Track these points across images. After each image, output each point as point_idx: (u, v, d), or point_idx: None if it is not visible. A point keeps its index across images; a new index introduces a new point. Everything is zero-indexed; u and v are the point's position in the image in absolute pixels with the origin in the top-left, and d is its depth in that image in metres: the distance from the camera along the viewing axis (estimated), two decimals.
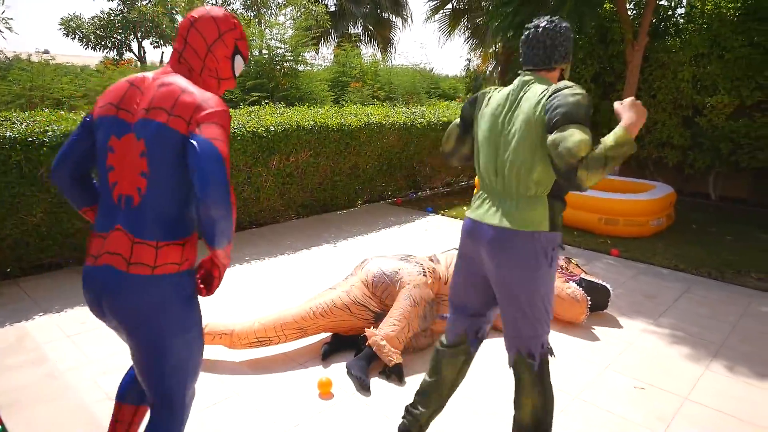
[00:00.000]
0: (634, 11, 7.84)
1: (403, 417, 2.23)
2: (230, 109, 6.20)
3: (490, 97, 2.05)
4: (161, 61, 15.27)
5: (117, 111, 1.58)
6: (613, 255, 5.12)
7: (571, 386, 2.85)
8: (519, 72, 2.04)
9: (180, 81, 1.58)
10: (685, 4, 7.65)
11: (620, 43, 7.64)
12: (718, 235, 5.95)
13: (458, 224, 6.18)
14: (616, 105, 1.87)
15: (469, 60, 19.14)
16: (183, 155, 1.52)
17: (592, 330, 3.52)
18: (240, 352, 3.08)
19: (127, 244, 1.52)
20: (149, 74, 1.65)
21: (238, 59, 1.76)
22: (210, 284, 1.68)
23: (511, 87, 1.99)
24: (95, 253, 1.59)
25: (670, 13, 7.72)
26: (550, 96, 1.82)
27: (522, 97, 1.92)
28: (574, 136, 1.72)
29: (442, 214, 6.63)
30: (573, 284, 3.59)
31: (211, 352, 3.08)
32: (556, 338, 3.39)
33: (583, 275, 3.76)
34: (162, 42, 14.36)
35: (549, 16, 2.00)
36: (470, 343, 2.13)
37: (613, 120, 7.92)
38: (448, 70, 47.68)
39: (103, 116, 1.60)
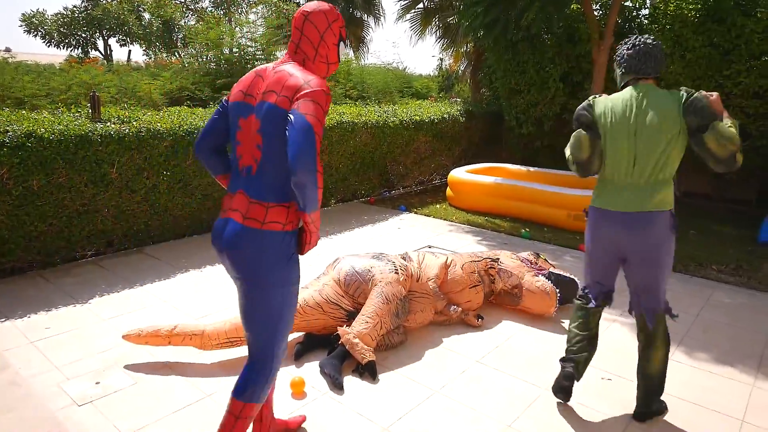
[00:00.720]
0: (600, 12, 8.01)
1: (564, 367, 2.60)
2: (199, 108, 6.11)
3: (607, 103, 2.43)
4: (128, 60, 14.92)
5: (244, 96, 1.89)
6: (581, 250, 5.23)
7: (541, 378, 2.90)
8: (626, 79, 2.46)
9: (290, 68, 1.85)
10: (648, 5, 7.85)
11: (587, 42, 7.78)
12: (682, 229, 6.13)
13: (431, 222, 6.23)
14: (712, 97, 2.25)
15: (441, 59, 19.26)
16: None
17: (561, 323, 3.60)
18: (211, 353, 3.05)
19: (245, 203, 1.84)
20: (270, 65, 1.92)
21: (342, 45, 2.02)
22: (302, 247, 1.91)
23: (628, 93, 2.40)
24: (225, 208, 1.94)
25: (634, 13, 7.90)
26: (687, 103, 2.26)
27: (647, 100, 2.33)
28: (732, 129, 2.17)
29: (415, 213, 6.67)
30: (542, 278, 3.65)
31: (181, 354, 3.04)
32: (527, 331, 3.45)
33: (551, 269, 3.83)
34: (129, 40, 14.03)
35: (647, 35, 2.43)
36: (608, 303, 2.64)
37: None
38: (420, 69, 47.85)
39: (234, 101, 1.92)
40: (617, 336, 3.42)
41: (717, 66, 6.83)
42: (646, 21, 7.79)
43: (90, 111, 4.71)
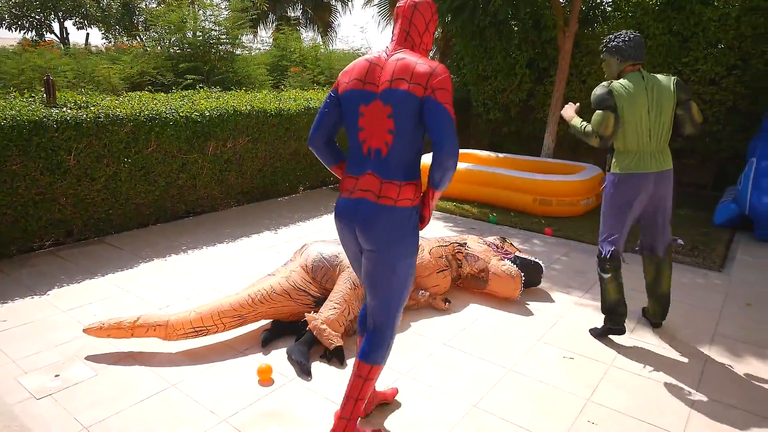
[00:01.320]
0: None
1: (618, 323, 3.13)
2: (161, 93, 5.95)
3: (623, 89, 2.89)
4: (86, 43, 14.30)
5: (363, 85, 2.00)
6: (546, 234, 5.33)
7: (506, 359, 2.97)
8: (623, 66, 3.00)
9: (411, 56, 1.98)
10: None
11: (553, 29, 7.88)
12: None
13: None
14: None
15: None
16: (419, 114, 1.93)
17: (527, 305, 3.67)
18: (177, 343, 3.00)
19: (377, 183, 2.00)
20: (382, 53, 2.04)
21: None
22: (422, 221, 2.11)
23: (637, 77, 2.93)
24: (350, 189, 2.08)
25: (598, 1, 8.03)
26: (677, 82, 2.97)
27: (654, 83, 2.93)
28: (696, 107, 2.99)
29: None
30: (508, 262, 3.72)
31: (145, 344, 2.98)
32: (493, 314, 3.51)
33: (517, 253, 3.90)
34: (86, 23, 13.41)
35: (632, 31, 3.02)
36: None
37: (546, 103, 8.20)
38: None
39: (351, 90, 2.02)
40: (579, 316, 3.52)
41: (676, 53, 7.02)
42: (609, 8, 7.92)
43: (44, 96, 4.53)
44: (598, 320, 3.45)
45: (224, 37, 7.96)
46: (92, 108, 4.52)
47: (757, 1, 6.36)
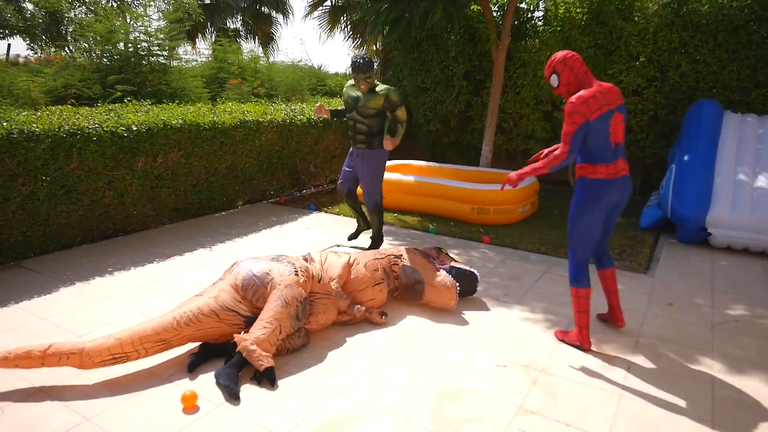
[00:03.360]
0: (498, 13, 8.37)
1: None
2: (84, 108, 5.66)
3: None
4: (7, 54, 13.46)
5: (607, 106, 2.98)
6: (484, 242, 5.43)
7: (440, 371, 2.96)
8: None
9: (605, 84, 3.06)
10: (542, 7, 8.31)
11: (487, 42, 8.11)
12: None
13: (341, 220, 6.20)
14: None
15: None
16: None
17: (462, 315, 3.70)
18: (95, 372, 2.82)
19: (624, 163, 3.12)
20: (598, 85, 3.03)
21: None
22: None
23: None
24: (613, 171, 3.05)
25: (529, 15, 8.34)
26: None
27: None
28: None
29: (326, 212, 6.61)
30: (443, 272, 3.74)
31: (59, 376, 2.78)
32: (429, 325, 3.51)
33: (452, 263, 3.94)
34: (6, 33, 12.59)
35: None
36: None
37: (483, 114, 8.41)
38: (335, 68, 47.64)
39: (602, 113, 2.96)
40: (513, 323, 3.57)
41: (602, 65, 7.37)
42: (539, 23, 8.24)
43: None
44: (532, 326, 3.52)
45: (155, 47, 7.69)
46: (4, 124, 4.23)
47: (671, 17, 6.79)
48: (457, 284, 3.69)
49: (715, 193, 5.36)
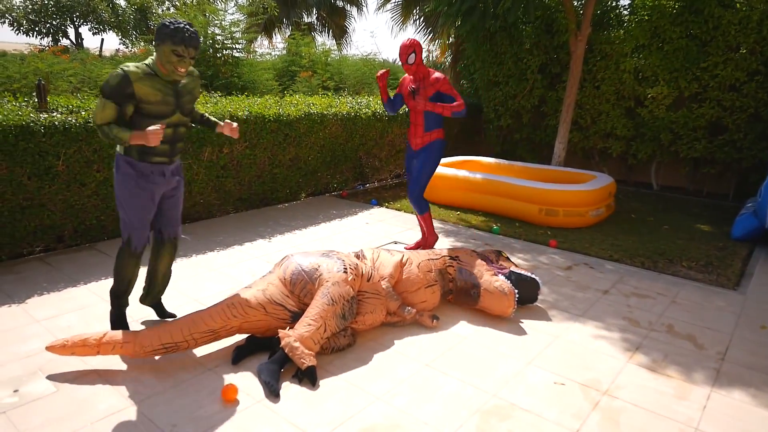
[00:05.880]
0: (579, 2, 7.85)
1: None
2: None
3: None
4: (101, 48, 14.48)
5: None
6: (551, 246, 5.10)
7: (490, 384, 2.76)
8: None
9: None
10: None
11: (565, 33, 7.64)
12: (656, 224, 6.03)
13: (401, 217, 6.07)
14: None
15: (429, 52, 19.02)
16: None
17: (520, 324, 3.46)
18: (148, 359, 2.87)
19: None
20: None
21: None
22: None
23: None
24: None
25: (613, 4, 7.76)
26: None
27: None
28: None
29: (387, 207, 6.51)
30: (501, 277, 3.51)
31: (113, 360, 2.86)
32: (482, 333, 3.31)
33: (512, 268, 3.69)
34: (102, 28, 13.56)
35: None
36: None
37: (558, 110, 7.95)
38: None
39: None
40: (576, 337, 3.29)
41: (694, 58, 6.72)
42: (625, 11, 7.65)
43: (36, 100, 4.49)
44: (596, 342, 3.22)
45: (229, 42, 7.90)
46: (83, 113, 4.46)
47: None
48: (516, 291, 3.45)
49: None
